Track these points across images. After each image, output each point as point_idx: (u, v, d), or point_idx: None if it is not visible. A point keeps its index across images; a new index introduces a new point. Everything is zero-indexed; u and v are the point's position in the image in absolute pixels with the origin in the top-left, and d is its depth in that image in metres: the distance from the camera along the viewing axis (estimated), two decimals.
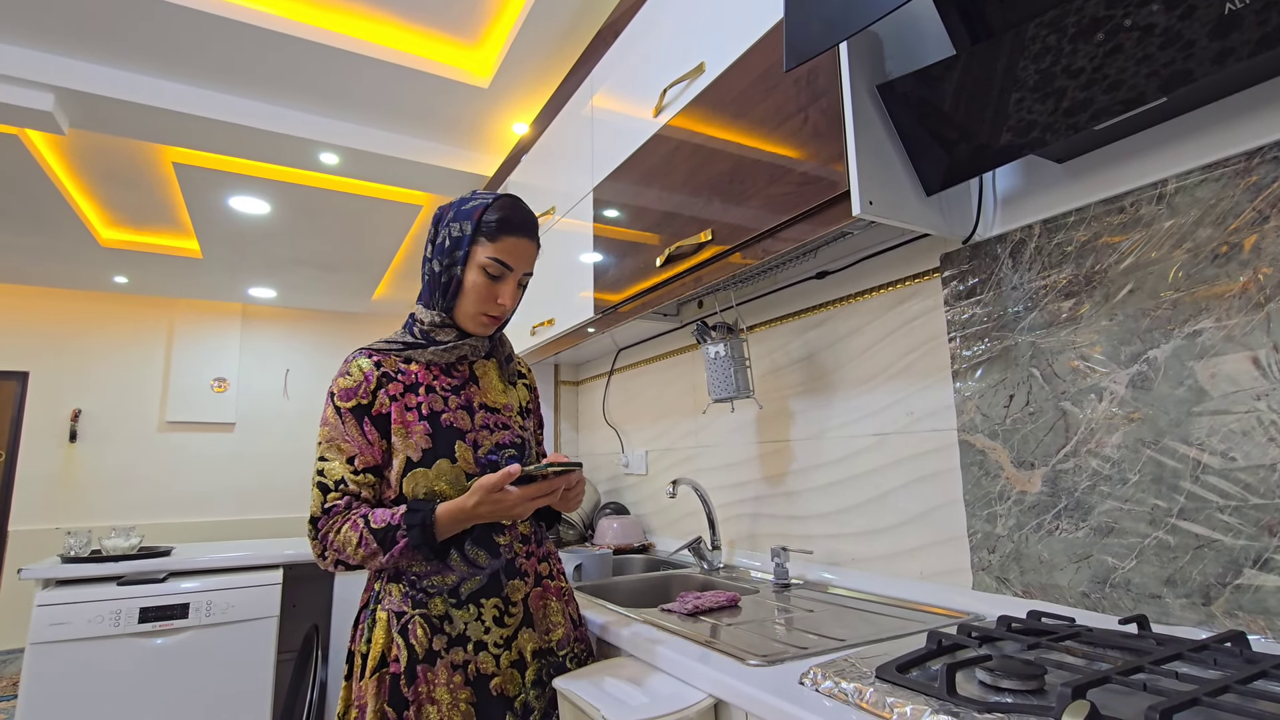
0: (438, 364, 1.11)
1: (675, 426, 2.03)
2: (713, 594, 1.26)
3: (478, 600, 1.03)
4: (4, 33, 2.26)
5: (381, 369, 1.06)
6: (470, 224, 1.07)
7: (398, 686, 0.97)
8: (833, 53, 1.05)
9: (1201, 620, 0.86)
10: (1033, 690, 0.67)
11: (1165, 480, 0.90)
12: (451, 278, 1.08)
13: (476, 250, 1.08)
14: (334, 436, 1.02)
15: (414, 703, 0.96)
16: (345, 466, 1.01)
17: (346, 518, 0.98)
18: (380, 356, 1.08)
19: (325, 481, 1.00)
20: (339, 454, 1.02)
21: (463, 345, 1.11)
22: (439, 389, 1.08)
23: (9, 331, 4.95)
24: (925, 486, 1.23)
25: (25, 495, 4.80)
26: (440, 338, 1.10)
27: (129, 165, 3.24)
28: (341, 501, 0.99)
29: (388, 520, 0.96)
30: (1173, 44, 0.77)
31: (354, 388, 1.04)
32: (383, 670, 0.98)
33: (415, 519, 0.96)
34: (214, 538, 5.20)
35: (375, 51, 2.42)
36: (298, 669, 2.20)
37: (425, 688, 0.97)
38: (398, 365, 1.08)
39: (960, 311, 1.19)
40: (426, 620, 1.00)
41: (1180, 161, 0.92)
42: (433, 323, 1.10)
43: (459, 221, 1.08)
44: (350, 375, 1.05)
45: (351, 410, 1.03)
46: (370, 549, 0.96)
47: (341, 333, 6.02)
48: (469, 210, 1.09)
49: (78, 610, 1.79)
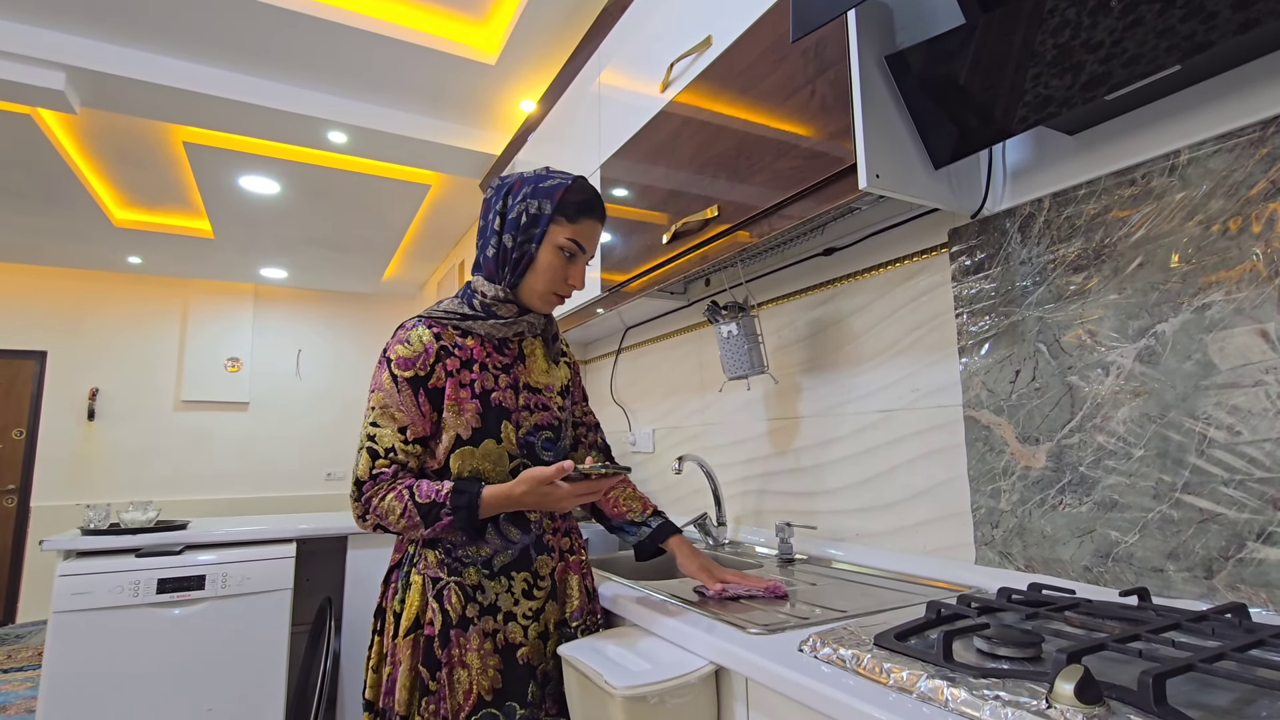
0: (492, 339, 1.11)
1: (683, 404, 2.04)
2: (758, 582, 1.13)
3: (509, 573, 1.06)
4: (15, 11, 2.27)
5: (440, 341, 1.06)
6: (550, 203, 1.07)
7: (431, 649, 1.00)
8: (841, 23, 1.03)
9: (1203, 593, 0.86)
10: (1029, 658, 0.67)
11: (1170, 455, 0.90)
12: (524, 254, 1.08)
13: (555, 229, 1.07)
14: (388, 404, 1.03)
15: (446, 665, 1.00)
16: (397, 435, 1.02)
17: (392, 486, 1.00)
18: (439, 328, 1.08)
19: (375, 448, 1.02)
20: (392, 422, 1.02)
21: (520, 321, 1.11)
22: (491, 367, 1.09)
23: (28, 312, 5.02)
24: (930, 462, 1.23)
25: (46, 472, 4.90)
26: (501, 312, 1.10)
27: (140, 145, 3.26)
28: (389, 470, 1.01)
29: (433, 496, 0.98)
30: (1195, 15, 0.75)
31: (413, 358, 1.04)
32: (417, 632, 1.01)
33: (462, 500, 0.98)
34: (228, 514, 5.29)
35: (383, 28, 2.40)
36: (311, 640, 2.25)
37: (458, 651, 1.00)
38: (455, 339, 1.08)
39: (968, 287, 1.18)
40: (461, 588, 1.03)
41: (1194, 132, 0.90)
42: (495, 297, 1.09)
43: (537, 199, 1.07)
44: (410, 344, 1.05)
45: (409, 380, 1.03)
46: (413, 521, 0.98)
47: (352, 313, 6.06)
48: (549, 189, 1.08)
49: (98, 580, 1.84)
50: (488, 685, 1.00)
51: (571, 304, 1.95)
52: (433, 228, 4.45)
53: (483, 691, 1.00)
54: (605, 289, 1.77)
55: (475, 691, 0.99)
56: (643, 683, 0.83)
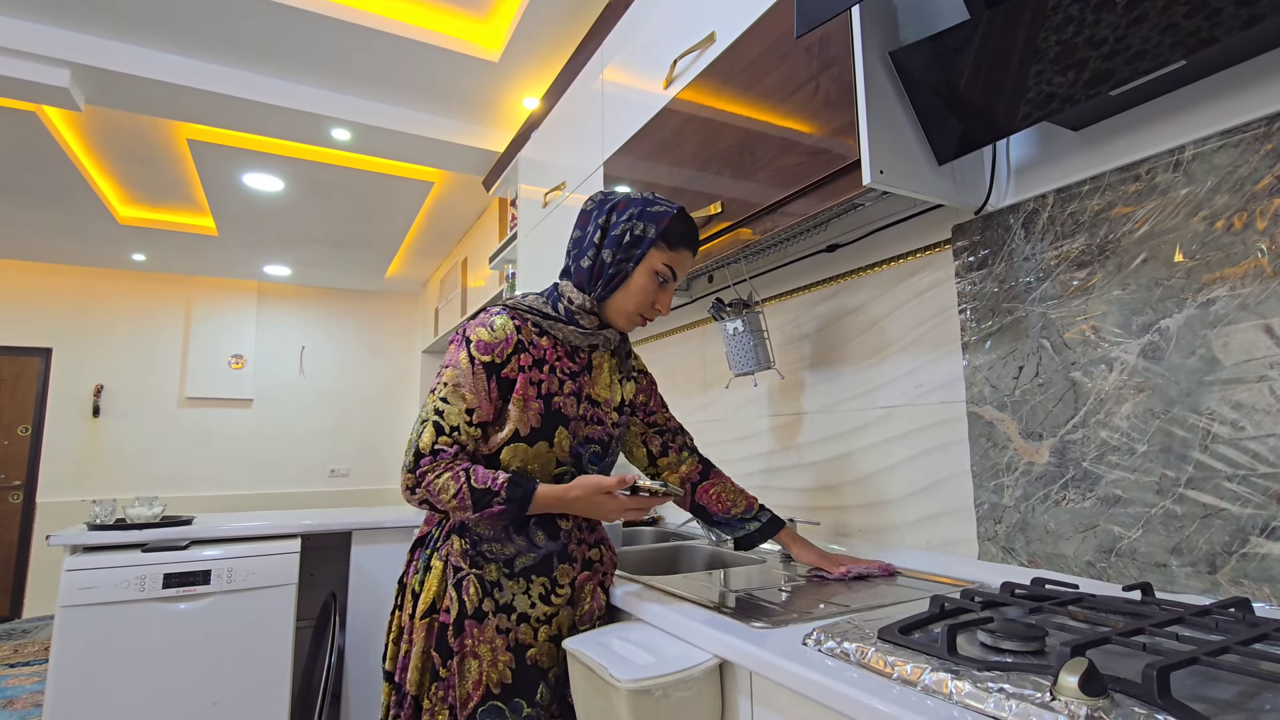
0: (566, 344, 1.12)
1: (686, 400, 2.04)
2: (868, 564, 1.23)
3: (528, 575, 1.07)
4: (20, 8, 2.27)
5: (520, 335, 1.08)
6: (655, 227, 1.09)
7: (445, 636, 1.01)
8: (844, 19, 1.03)
9: (1207, 588, 0.86)
10: (1033, 651, 0.68)
11: (1174, 450, 0.90)
12: (620, 271, 1.10)
13: (654, 253, 1.10)
14: (461, 383, 1.04)
15: (458, 654, 1.01)
16: (463, 416, 1.03)
17: (450, 466, 1.00)
18: (520, 321, 1.10)
19: (442, 423, 1.02)
20: (461, 401, 1.03)
21: (598, 335, 1.13)
22: (559, 371, 1.10)
23: (33, 308, 5.04)
24: (933, 458, 1.24)
25: (51, 468, 4.92)
26: (583, 322, 1.11)
27: (145, 142, 3.27)
28: (451, 449, 1.01)
29: (488, 483, 0.99)
30: (1199, 11, 0.75)
31: (493, 344, 1.05)
32: (432, 616, 1.03)
33: (517, 493, 0.99)
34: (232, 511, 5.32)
35: (386, 25, 2.41)
36: (316, 635, 2.27)
37: (470, 641, 1.01)
38: (532, 336, 1.10)
39: (971, 283, 1.18)
40: (480, 581, 1.04)
41: (1199, 127, 0.90)
42: (581, 306, 1.10)
43: (643, 222, 1.09)
44: (493, 330, 1.06)
45: (485, 365, 1.04)
46: (465, 503, 0.99)
47: (355, 310, 6.07)
48: (656, 214, 1.10)
49: (104, 575, 1.85)
50: (496, 679, 1.01)
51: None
52: (436, 225, 4.45)
53: (491, 684, 1.00)
54: None
55: (484, 683, 1.00)
56: (647, 676, 0.83)
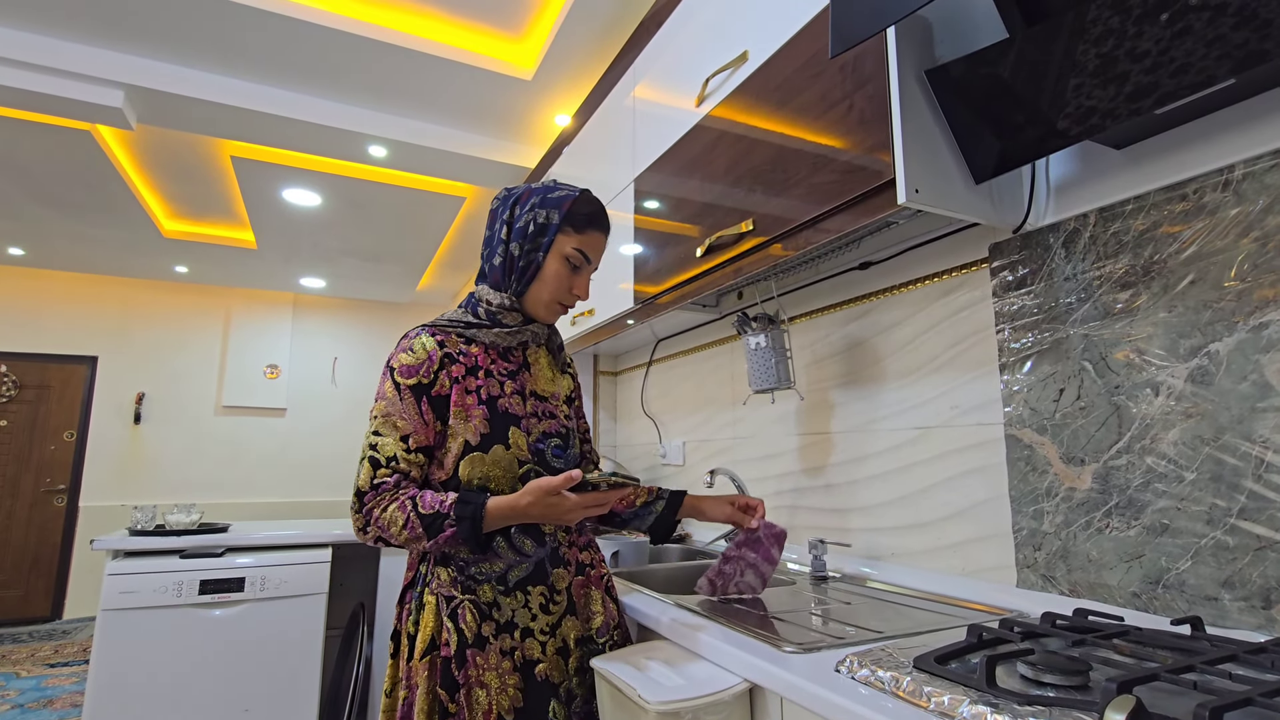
0: (497, 347, 1.11)
1: (714, 417, 2.03)
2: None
3: (525, 587, 1.04)
4: (78, 32, 2.38)
5: (444, 349, 1.06)
6: (558, 213, 1.08)
7: (449, 670, 0.98)
8: (880, 38, 1.03)
9: (1261, 624, 0.83)
10: (1076, 686, 0.65)
11: (1225, 479, 0.87)
12: (530, 262, 1.08)
13: (562, 239, 1.08)
14: (390, 412, 1.01)
15: (464, 686, 0.98)
16: (399, 444, 1.00)
17: (394, 497, 0.98)
18: (443, 336, 1.07)
19: (377, 457, 1.00)
20: (394, 431, 1.01)
21: (525, 331, 1.12)
22: (496, 373, 1.09)
23: (81, 318, 5.23)
24: (969, 481, 1.21)
25: (94, 473, 5.08)
26: (506, 320, 1.10)
27: (190, 159, 3.39)
28: (391, 479, 0.99)
29: (436, 507, 0.96)
30: (1247, 24, 0.73)
31: (416, 365, 1.03)
32: (433, 653, 1.00)
33: (466, 511, 0.96)
34: (266, 518, 5.42)
35: (424, 46, 2.47)
36: (344, 645, 2.29)
37: (475, 671, 0.98)
38: (459, 346, 1.08)
39: (1009, 303, 1.16)
40: (475, 606, 1.01)
41: (1249, 146, 0.87)
42: (500, 305, 1.09)
43: (545, 209, 1.08)
44: (413, 352, 1.04)
45: (411, 388, 1.02)
46: (415, 533, 0.96)
47: (388, 322, 6.18)
48: (557, 199, 1.09)
49: (144, 580, 1.90)
50: (508, 704, 0.98)
51: (602, 315, 1.97)
52: (467, 238, 4.52)
53: (502, 711, 0.98)
54: (637, 301, 1.77)
55: (495, 711, 0.97)
56: (677, 699, 0.82)
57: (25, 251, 4.68)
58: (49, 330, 5.11)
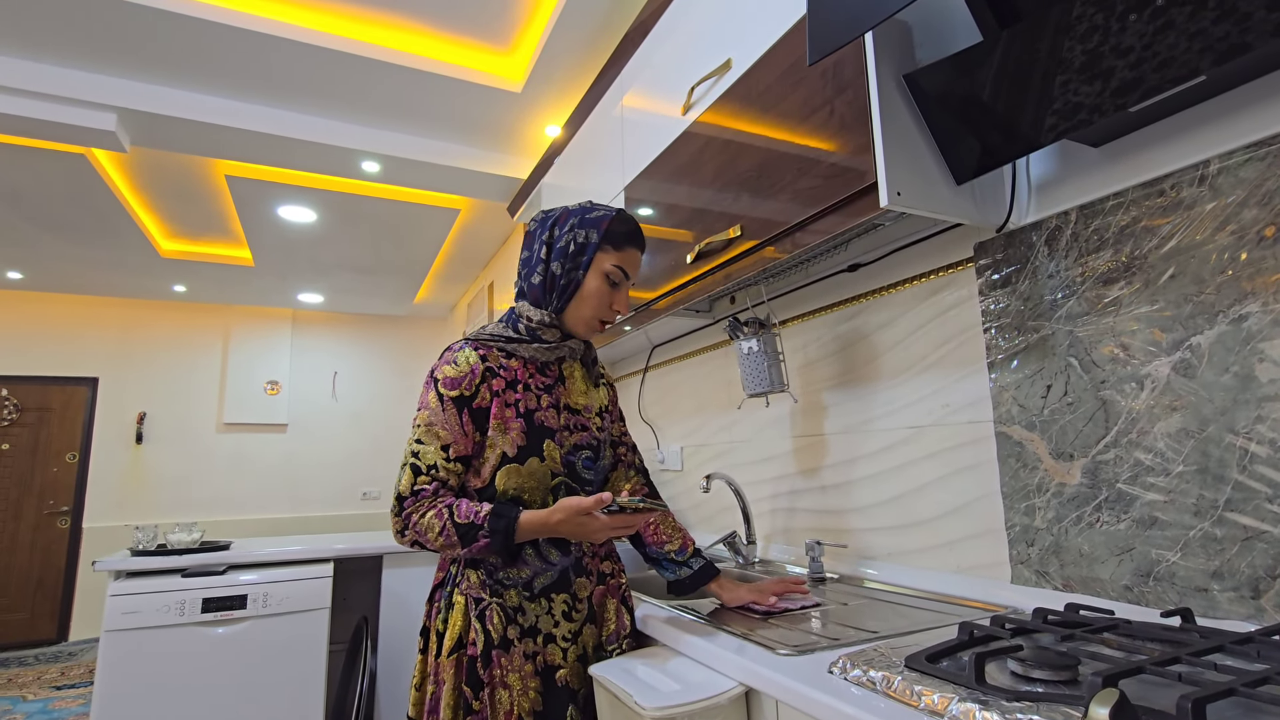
0: (535, 361, 1.14)
1: (710, 422, 2.04)
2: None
3: (549, 594, 1.08)
4: (69, 57, 2.41)
5: (486, 363, 1.09)
6: (597, 232, 1.11)
7: (474, 668, 1.02)
8: (858, 44, 1.05)
9: (1250, 614, 0.83)
10: (1065, 681, 0.66)
11: (1211, 470, 0.87)
12: (571, 280, 1.11)
13: (601, 257, 1.11)
14: (434, 422, 1.05)
15: (488, 685, 1.01)
16: (439, 453, 1.04)
17: (433, 504, 1.02)
18: (485, 350, 1.11)
19: (419, 464, 1.04)
20: (435, 440, 1.05)
21: (563, 346, 1.15)
22: (534, 387, 1.12)
23: (81, 340, 5.24)
24: (962, 479, 1.22)
25: (97, 493, 5.08)
26: (546, 336, 1.13)
27: (185, 180, 3.41)
28: (430, 486, 1.03)
29: (471, 517, 1.00)
30: (1227, 17, 0.74)
31: (459, 378, 1.07)
32: (460, 652, 1.04)
33: (500, 524, 0.99)
34: (268, 534, 5.42)
35: (414, 62, 2.49)
36: (349, 659, 2.29)
37: (499, 672, 1.02)
38: (500, 360, 1.11)
39: (995, 301, 1.17)
40: (502, 609, 1.05)
41: (1223, 141, 0.89)
42: (540, 321, 1.12)
43: (584, 229, 1.11)
44: (457, 365, 1.08)
45: (454, 400, 1.06)
46: (450, 540, 1.00)
47: (386, 335, 6.20)
48: (595, 219, 1.12)
49: (147, 600, 1.91)
50: (528, 707, 1.02)
51: None
52: (462, 251, 4.54)
53: (523, 712, 1.01)
54: (632, 307, 1.79)
55: (516, 712, 1.01)
56: (672, 704, 0.83)
57: (24, 275, 4.70)
58: (49, 353, 5.13)
